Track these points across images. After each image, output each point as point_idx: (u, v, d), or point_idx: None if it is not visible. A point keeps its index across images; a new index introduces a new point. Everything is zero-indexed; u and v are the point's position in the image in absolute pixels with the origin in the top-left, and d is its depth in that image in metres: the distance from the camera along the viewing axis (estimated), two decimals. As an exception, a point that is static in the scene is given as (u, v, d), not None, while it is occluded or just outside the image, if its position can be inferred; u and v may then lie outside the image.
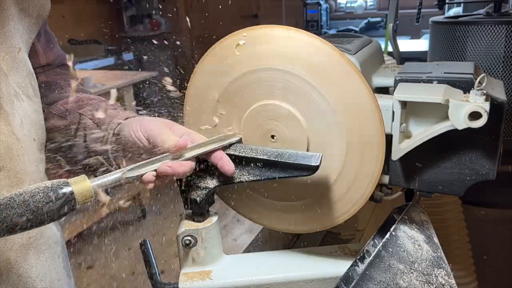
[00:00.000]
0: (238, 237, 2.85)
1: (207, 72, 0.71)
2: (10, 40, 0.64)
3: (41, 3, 0.72)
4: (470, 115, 0.59)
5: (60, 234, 0.77)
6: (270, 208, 0.75)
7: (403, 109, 0.66)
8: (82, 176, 0.56)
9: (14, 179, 0.64)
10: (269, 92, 0.67)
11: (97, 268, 2.56)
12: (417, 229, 0.69)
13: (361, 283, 0.59)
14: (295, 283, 0.69)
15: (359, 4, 5.94)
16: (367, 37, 0.87)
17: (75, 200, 0.54)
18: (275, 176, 0.65)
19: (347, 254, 0.74)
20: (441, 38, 1.41)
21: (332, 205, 0.70)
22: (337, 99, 0.64)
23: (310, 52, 0.64)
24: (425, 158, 0.69)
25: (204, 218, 0.70)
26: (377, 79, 0.79)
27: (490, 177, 0.66)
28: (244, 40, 0.67)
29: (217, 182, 0.68)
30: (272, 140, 0.69)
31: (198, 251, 0.69)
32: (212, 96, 0.72)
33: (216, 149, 0.66)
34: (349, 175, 0.67)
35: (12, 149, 0.63)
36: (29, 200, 0.51)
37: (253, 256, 0.77)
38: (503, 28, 1.27)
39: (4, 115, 0.62)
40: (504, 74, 1.30)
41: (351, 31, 4.92)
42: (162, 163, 0.63)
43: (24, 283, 0.67)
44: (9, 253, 0.64)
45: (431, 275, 0.61)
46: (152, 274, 0.70)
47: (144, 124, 0.68)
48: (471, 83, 0.64)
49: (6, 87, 0.63)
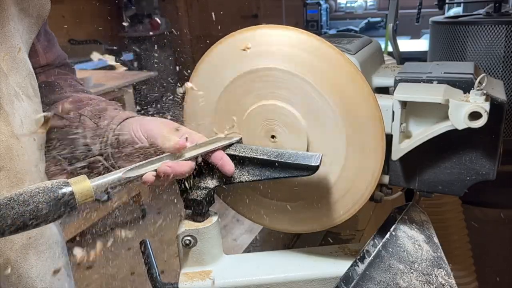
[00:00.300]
0: (238, 237, 2.84)
1: (207, 72, 0.71)
2: (10, 40, 0.64)
3: (41, 3, 0.72)
4: (470, 115, 0.59)
5: (60, 234, 0.77)
6: (270, 208, 0.75)
7: (403, 109, 0.66)
8: (82, 176, 0.56)
9: (14, 179, 0.64)
10: (269, 92, 0.67)
11: (97, 268, 2.56)
12: (417, 229, 0.69)
13: (361, 283, 0.59)
14: (295, 283, 0.69)
15: (359, 4, 5.94)
16: (367, 37, 0.87)
17: (75, 200, 0.54)
18: (275, 176, 0.65)
19: (347, 254, 0.74)
20: (441, 38, 1.41)
21: (332, 205, 0.70)
22: (337, 99, 0.64)
23: (310, 52, 0.64)
24: (425, 158, 0.69)
25: (204, 218, 0.70)
26: (377, 79, 0.79)
27: (490, 177, 0.66)
28: (251, 43, 0.67)
29: (217, 182, 0.68)
30: (272, 140, 0.69)
31: (198, 251, 0.69)
32: (212, 96, 0.72)
33: (216, 149, 0.66)
34: (349, 175, 0.67)
35: (12, 149, 0.63)
36: (29, 200, 0.51)
37: (253, 256, 0.77)
38: (503, 28, 1.27)
39: (4, 115, 0.62)
40: (504, 74, 1.30)
41: (351, 31, 4.92)
42: (162, 163, 0.63)
43: (24, 283, 0.67)
44: (9, 253, 0.65)
45: (431, 275, 0.61)
46: (152, 274, 0.70)
47: (144, 124, 0.68)
48: (471, 83, 0.64)
49: (6, 87, 0.63)
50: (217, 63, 0.70)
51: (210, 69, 0.71)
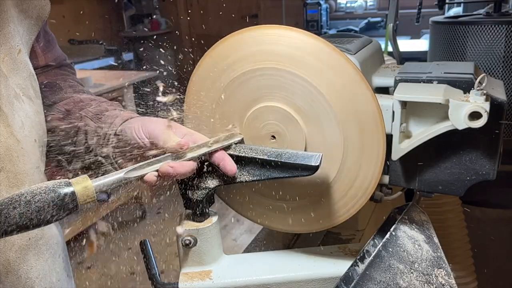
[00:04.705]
0: (238, 237, 2.84)
1: (207, 71, 0.71)
2: (10, 42, 0.64)
3: (41, 4, 0.72)
4: (470, 115, 0.59)
5: (60, 235, 0.77)
6: (270, 208, 0.75)
7: (403, 109, 0.66)
8: (84, 176, 0.56)
9: (14, 180, 0.64)
10: (269, 92, 0.67)
11: (97, 268, 2.56)
12: (417, 229, 0.69)
13: (361, 283, 0.59)
14: (295, 283, 0.69)
15: (359, 4, 5.94)
16: (367, 37, 0.87)
17: (76, 200, 0.54)
18: (275, 176, 0.65)
19: (347, 254, 0.74)
20: (441, 38, 1.41)
21: (332, 205, 0.70)
22: (337, 99, 0.64)
23: (311, 52, 0.64)
24: (425, 158, 0.69)
25: (204, 218, 0.70)
26: (377, 79, 0.79)
27: (490, 177, 0.66)
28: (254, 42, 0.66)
29: (217, 182, 0.68)
30: (272, 140, 0.69)
31: (198, 251, 0.70)
32: (213, 95, 0.72)
33: (218, 149, 0.66)
34: (349, 175, 0.67)
35: (12, 150, 0.63)
36: (31, 200, 0.51)
37: (253, 256, 0.77)
38: (503, 28, 1.27)
39: (3, 116, 0.62)
40: (504, 74, 1.30)
41: (351, 31, 4.92)
42: (164, 163, 0.63)
43: (24, 283, 0.67)
44: (9, 254, 0.64)
45: (431, 275, 0.61)
46: (152, 274, 0.70)
47: (145, 124, 0.68)
48: (471, 83, 0.64)
49: (5, 88, 0.63)
50: (217, 63, 0.70)
51: (210, 69, 0.71)
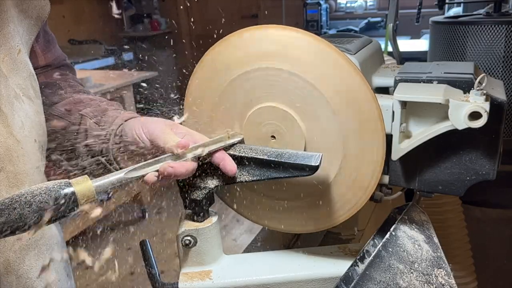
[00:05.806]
0: (238, 237, 2.84)
1: (207, 71, 0.71)
2: (10, 42, 0.64)
3: (41, 4, 0.72)
4: (470, 115, 0.59)
5: (60, 235, 0.77)
6: (270, 208, 0.75)
7: (403, 109, 0.66)
8: (84, 176, 0.56)
9: (14, 180, 0.63)
10: (269, 92, 0.67)
11: (97, 268, 2.56)
12: (417, 229, 0.69)
13: (361, 283, 0.59)
14: (295, 283, 0.69)
15: (359, 4, 5.94)
16: (367, 37, 0.87)
17: (77, 200, 0.54)
18: (275, 176, 0.65)
19: (347, 254, 0.74)
20: (441, 38, 1.41)
21: (332, 205, 0.70)
22: (337, 99, 0.64)
23: (311, 53, 0.64)
24: (425, 158, 0.69)
25: (204, 218, 0.70)
26: (377, 79, 0.79)
27: (490, 177, 0.66)
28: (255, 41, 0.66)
29: (217, 182, 0.68)
30: (272, 140, 0.69)
31: (198, 251, 0.70)
32: (213, 95, 0.72)
33: (218, 150, 0.66)
34: (349, 175, 0.67)
35: (12, 151, 0.63)
36: (31, 200, 0.51)
37: (253, 256, 0.77)
38: (503, 28, 1.27)
39: (3, 116, 0.62)
40: (504, 74, 1.30)
41: (351, 31, 4.92)
42: (164, 163, 0.63)
43: (23, 283, 0.67)
44: (9, 254, 0.64)
45: (431, 275, 0.61)
46: (152, 274, 0.70)
47: (146, 125, 0.68)
48: (471, 83, 0.64)
49: (5, 89, 0.62)
50: (217, 62, 0.70)
51: (210, 68, 0.71)
